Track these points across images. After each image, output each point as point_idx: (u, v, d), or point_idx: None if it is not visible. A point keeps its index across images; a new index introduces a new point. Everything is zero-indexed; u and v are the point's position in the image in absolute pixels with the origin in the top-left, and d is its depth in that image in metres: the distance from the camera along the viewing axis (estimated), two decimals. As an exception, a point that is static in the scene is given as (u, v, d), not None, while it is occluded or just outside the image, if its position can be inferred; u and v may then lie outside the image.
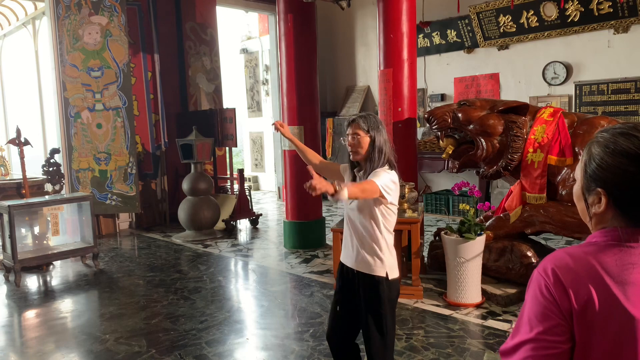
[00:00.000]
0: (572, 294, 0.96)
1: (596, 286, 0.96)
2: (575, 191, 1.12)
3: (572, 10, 6.71)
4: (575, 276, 0.98)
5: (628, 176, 1.00)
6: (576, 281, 0.97)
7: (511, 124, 4.40)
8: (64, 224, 6.12)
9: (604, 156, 1.03)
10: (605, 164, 1.02)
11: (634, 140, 1.00)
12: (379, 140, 2.38)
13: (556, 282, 0.98)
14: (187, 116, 8.36)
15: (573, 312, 0.96)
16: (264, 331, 3.91)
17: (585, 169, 1.07)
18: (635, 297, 0.96)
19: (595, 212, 1.05)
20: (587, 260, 1.00)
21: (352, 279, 2.45)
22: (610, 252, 1.00)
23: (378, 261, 2.37)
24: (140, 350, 3.59)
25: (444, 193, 8.09)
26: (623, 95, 6.54)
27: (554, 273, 0.99)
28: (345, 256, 2.51)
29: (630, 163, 0.99)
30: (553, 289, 0.98)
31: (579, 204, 1.12)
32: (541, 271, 1.02)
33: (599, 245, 1.02)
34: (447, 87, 8.43)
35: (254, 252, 6.37)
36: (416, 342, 3.54)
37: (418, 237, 4.40)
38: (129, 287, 5.08)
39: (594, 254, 1.01)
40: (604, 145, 1.04)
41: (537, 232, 4.43)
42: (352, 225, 2.44)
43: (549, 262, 1.02)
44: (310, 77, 6.16)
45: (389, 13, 5.28)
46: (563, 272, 0.99)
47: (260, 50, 11.39)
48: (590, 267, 0.98)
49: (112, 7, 7.00)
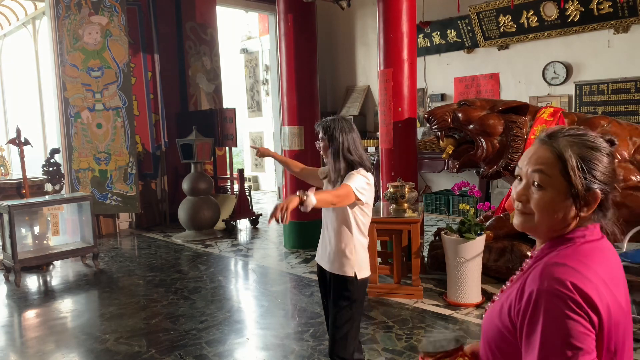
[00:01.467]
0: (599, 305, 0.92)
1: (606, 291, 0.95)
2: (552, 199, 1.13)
3: (572, 10, 6.71)
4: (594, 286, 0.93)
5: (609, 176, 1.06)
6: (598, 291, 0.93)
7: (511, 124, 4.40)
8: (64, 224, 6.12)
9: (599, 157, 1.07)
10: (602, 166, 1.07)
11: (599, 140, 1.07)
12: (338, 144, 2.46)
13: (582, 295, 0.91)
14: (187, 116, 8.36)
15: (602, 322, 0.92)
16: (264, 331, 3.91)
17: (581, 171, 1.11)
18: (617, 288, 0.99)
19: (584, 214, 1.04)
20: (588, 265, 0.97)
21: (326, 279, 2.59)
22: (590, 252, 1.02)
23: (347, 261, 2.47)
24: (140, 350, 3.59)
25: (444, 193, 8.09)
26: (623, 95, 6.54)
27: (575, 287, 0.92)
28: (320, 256, 2.63)
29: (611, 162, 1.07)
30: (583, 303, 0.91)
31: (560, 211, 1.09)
32: (559, 287, 0.92)
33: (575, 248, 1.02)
34: (447, 87, 8.43)
35: (254, 252, 6.37)
36: (416, 342, 3.54)
37: (418, 237, 4.40)
38: (129, 287, 5.08)
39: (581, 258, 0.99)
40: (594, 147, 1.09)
41: (537, 232, 4.42)
42: (327, 225, 2.55)
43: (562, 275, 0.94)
44: (310, 77, 6.16)
45: (389, 13, 5.28)
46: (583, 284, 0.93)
47: (260, 50, 11.38)
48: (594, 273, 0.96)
49: (112, 7, 7.00)
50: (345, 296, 2.47)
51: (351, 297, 2.48)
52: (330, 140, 2.48)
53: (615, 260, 1.04)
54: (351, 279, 2.47)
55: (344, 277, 2.48)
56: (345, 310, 2.48)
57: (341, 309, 2.48)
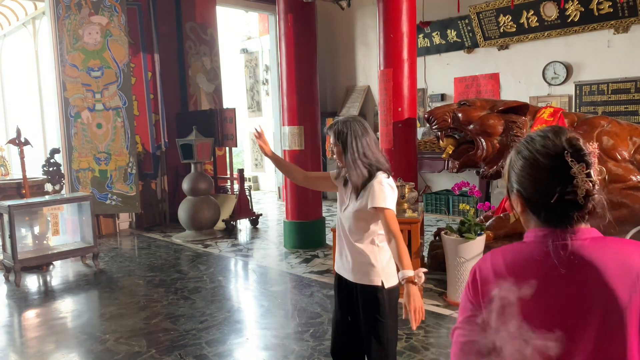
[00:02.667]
0: (480, 289, 1.08)
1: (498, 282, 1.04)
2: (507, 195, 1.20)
3: (572, 10, 6.71)
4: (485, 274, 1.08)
5: (529, 177, 1.05)
6: (484, 278, 1.08)
7: (511, 124, 4.41)
8: (64, 224, 6.12)
9: (516, 160, 1.09)
10: (517, 167, 1.09)
11: (541, 143, 1.05)
12: (353, 150, 2.25)
13: (474, 279, 1.10)
14: (187, 116, 8.36)
15: (482, 304, 1.06)
16: (264, 331, 3.91)
17: (505, 173, 1.14)
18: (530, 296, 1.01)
19: (517, 212, 1.12)
20: (499, 257, 1.09)
21: (351, 291, 2.37)
22: (521, 250, 1.08)
23: (373, 270, 2.29)
24: (140, 350, 3.59)
25: (444, 193, 8.09)
26: (623, 95, 6.54)
27: (474, 271, 1.12)
28: (341, 267, 2.42)
29: (535, 167, 1.04)
30: (471, 285, 1.11)
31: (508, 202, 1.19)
32: (471, 269, 1.14)
33: (518, 244, 1.11)
34: (447, 87, 8.43)
35: (254, 252, 6.37)
36: (416, 342, 3.54)
37: (418, 237, 4.40)
38: (129, 287, 5.08)
39: (504, 252, 1.10)
40: (516, 150, 1.10)
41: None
42: (347, 233, 2.34)
43: (479, 261, 1.14)
44: (310, 77, 6.16)
45: (389, 13, 5.28)
46: (480, 270, 1.10)
47: (260, 50, 11.39)
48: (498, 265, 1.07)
49: (112, 7, 7.00)
50: (376, 309, 2.28)
51: (382, 309, 2.28)
52: (344, 147, 2.28)
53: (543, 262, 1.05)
54: (377, 288, 2.28)
55: (371, 287, 2.28)
56: (380, 324, 2.28)
57: (376, 323, 2.28)
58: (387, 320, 2.29)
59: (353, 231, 2.31)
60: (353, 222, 2.30)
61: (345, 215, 2.33)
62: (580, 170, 0.99)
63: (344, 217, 2.35)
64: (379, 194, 2.19)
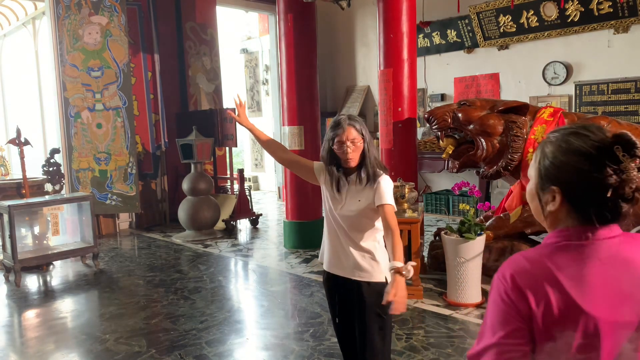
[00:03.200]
0: (530, 297, 0.98)
1: (552, 287, 0.98)
2: (529, 190, 1.14)
3: (572, 10, 6.71)
4: (531, 279, 1.00)
5: (580, 174, 1.02)
6: (533, 284, 0.99)
7: (511, 124, 4.41)
8: (64, 224, 6.12)
9: (557, 155, 1.05)
10: (558, 162, 1.05)
11: (584, 139, 1.03)
12: (370, 142, 2.27)
13: (514, 286, 1.00)
14: (187, 116, 8.36)
15: (532, 315, 0.98)
16: (264, 331, 3.91)
17: (539, 168, 1.09)
18: (590, 294, 0.97)
19: (550, 210, 1.07)
20: (543, 261, 1.02)
21: (349, 289, 2.33)
22: (564, 252, 1.03)
23: (377, 266, 2.29)
24: (140, 350, 3.59)
25: (444, 193, 8.09)
26: (623, 95, 6.54)
27: (512, 278, 1.01)
28: (336, 266, 2.37)
29: (582, 161, 1.01)
30: (512, 293, 1.00)
31: (532, 203, 1.14)
32: (500, 276, 1.04)
33: (552, 247, 1.05)
34: (447, 87, 8.43)
35: (254, 252, 6.37)
36: (416, 342, 3.54)
37: (418, 237, 4.40)
38: (129, 287, 5.08)
39: (549, 255, 1.03)
40: (557, 144, 1.06)
41: (537, 232, 4.43)
42: (347, 232, 2.30)
43: (507, 267, 1.05)
44: (310, 77, 6.16)
45: (389, 13, 5.28)
46: (520, 276, 1.01)
47: (260, 50, 11.38)
48: (545, 269, 1.00)
49: (112, 7, 7.00)
50: (382, 310, 2.24)
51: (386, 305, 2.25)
52: (367, 138, 2.24)
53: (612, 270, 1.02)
54: (383, 285, 2.25)
55: (376, 284, 2.27)
56: (382, 321, 2.29)
57: (378, 320, 2.28)
58: (388, 316, 2.30)
59: (356, 229, 2.29)
60: (357, 220, 2.28)
61: (344, 213, 2.29)
62: (631, 165, 0.99)
63: (341, 215, 2.31)
64: (386, 192, 2.23)
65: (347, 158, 2.24)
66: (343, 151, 2.23)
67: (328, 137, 2.30)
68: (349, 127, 2.22)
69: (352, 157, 2.24)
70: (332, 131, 2.28)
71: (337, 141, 2.24)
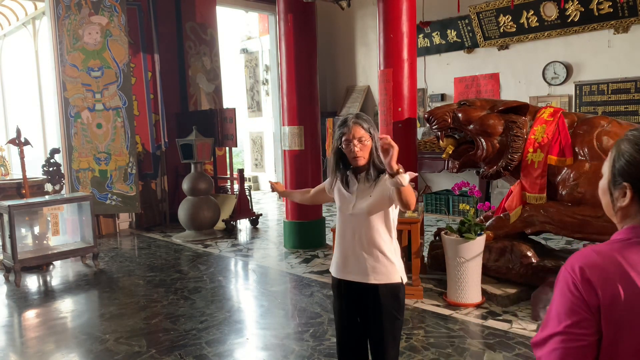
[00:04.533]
0: (599, 290, 1.00)
1: (623, 282, 0.99)
2: (602, 186, 1.16)
3: (572, 10, 6.71)
4: (602, 273, 1.01)
5: None
6: (603, 278, 1.00)
7: (511, 124, 4.40)
8: (64, 224, 6.12)
9: (633, 153, 1.06)
10: (634, 160, 1.06)
11: None
12: (376, 142, 2.23)
13: (583, 279, 1.02)
14: (187, 116, 8.36)
15: (600, 307, 0.99)
16: (264, 331, 3.91)
17: (614, 164, 1.10)
18: None
19: (621, 205, 1.09)
20: (614, 257, 1.03)
21: (362, 294, 2.27)
22: (635, 249, 1.04)
23: (392, 267, 2.25)
24: (140, 350, 3.59)
25: (444, 193, 8.09)
26: (623, 95, 6.54)
27: (582, 270, 1.03)
28: (348, 271, 2.30)
29: None
30: (580, 285, 1.01)
31: (604, 198, 1.15)
32: (569, 269, 1.05)
33: (624, 243, 1.06)
34: (447, 87, 8.43)
35: (254, 252, 6.37)
36: (416, 342, 3.54)
37: (418, 237, 4.40)
38: (129, 287, 5.08)
39: (620, 250, 1.04)
40: (634, 142, 1.07)
41: (537, 232, 4.42)
42: (359, 232, 2.25)
43: (576, 259, 1.06)
44: (310, 77, 6.16)
45: (389, 13, 5.27)
46: (590, 269, 1.02)
47: (260, 50, 11.39)
48: (617, 264, 1.01)
49: (112, 7, 7.00)
50: (397, 307, 2.25)
51: (401, 306, 2.27)
52: (373, 140, 2.22)
53: None
54: (399, 285, 2.25)
55: (393, 285, 2.23)
56: (397, 323, 2.26)
57: (394, 322, 2.25)
58: (402, 318, 2.30)
59: (369, 228, 2.23)
60: (369, 218, 2.22)
61: (356, 212, 2.24)
62: None
63: (353, 215, 2.25)
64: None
65: (354, 156, 2.21)
66: (350, 149, 2.20)
67: (336, 136, 2.27)
68: (355, 126, 2.20)
69: (360, 155, 2.20)
70: (339, 130, 2.24)
71: (345, 139, 2.21)
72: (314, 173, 6.26)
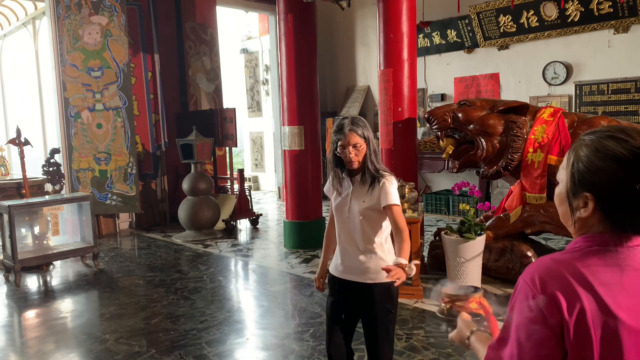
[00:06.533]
0: (562, 305, 0.92)
1: (586, 296, 0.93)
2: (559, 194, 1.08)
3: (572, 10, 6.71)
4: (564, 285, 0.94)
5: (617, 181, 0.95)
6: (565, 291, 0.93)
7: (511, 124, 4.41)
8: (64, 224, 6.12)
9: (593, 159, 0.98)
10: (594, 168, 0.98)
11: (623, 143, 0.96)
12: (373, 142, 2.32)
13: (544, 292, 0.94)
14: (187, 116, 8.36)
15: (564, 323, 0.92)
16: (264, 331, 3.91)
17: (572, 172, 1.02)
18: (623, 300, 0.93)
19: (580, 216, 1.01)
20: (575, 266, 0.96)
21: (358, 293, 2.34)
22: (596, 257, 0.98)
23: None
24: (140, 350, 3.59)
25: (444, 193, 8.09)
26: (623, 95, 6.54)
27: (542, 282, 0.95)
28: (345, 271, 2.37)
29: (619, 167, 0.95)
30: (541, 299, 0.94)
31: (561, 207, 1.08)
32: (528, 280, 0.98)
33: (584, 251, 1.00)
34: (447, 87, 8.43)
35: (254, 252, 6.37)
36: (416, 342, 3.54)
37: (418, 237, 4.40)
38: (129, 287, 5.08)
39: (581, 259, 0.98)
40: (593, 148, 1.00)
41: (537, 232, 4.43)
42: (354, 234, 2.32)
43: (535, 270, 0.99)
44: (310, 77, 6.16)
45: (389, 13, 5.28)
46: (552, 280, 0.95)
47: (260, 50, 11.39)
48: (579, 275, 0.95)
49: (112, 7, 7.00)
50: (391, 303, 2.33)
51: (395, 303, 2.35)
52: (368, 144, 2.29)
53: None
54: (390, 284, 2.27)
55: (387, 284, 2.26)
56: (391, 316, 2.35)
57: (387, 320, 2.33)
58: (395, 311, 2.38)
59: (363, 230, 2.31)
60: (362, 221, 2.30)
61: (351, 215, 2.32)
62: None
63: (348, 218, 2.34)
64: (391, 192, 2.28)
65: (349, 161, 2.30)
66: (345, 155, 2.29)
67: (332, 141, 2.35)
68: (350, 133, 2.26)
69: (355, 160, 2.29)
70: (335, 135, 2.32)
71: (340, 145, 2.29)
72: (314, 173, 6.26)
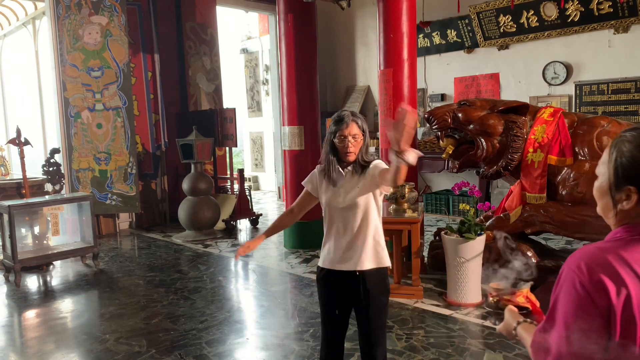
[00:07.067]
0: (610, 289, 0.97)
1: (631, 281, 0.98)
2: (599, 187, 1.14)
3: (572, 10, 6.71)
4: (610, 271, 0.99)
5: None
6: (612, 276, 0.98)
7: (511, 124, 4.40)
8: (64, 224, 6.12)
9: (636, 154, 1.05)
10: (637, 162, 1.04)
11: None
12: (368, 137, 2.38)
13: (592, 278, 0.99)
14: (187, 116, 8.36)
15: (611, 307, 0.97)
16: (264, 331, 3.91)
17: (616, 167, 1.08)
18: None
19: (623, 208, 1.07)
20: (619, 253, 1.01)
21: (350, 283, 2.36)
22: (638, 246, 1.03)
23: (383, 252, 2.37)
24: (140, 350, 3.59)
25: (444, 193, 8.09)
26: (623, 95, 6.54)
27: (589, 269, 1.00)
28: (340, 262, 2.38)
29: None
30: (589, 285, 0.99)
31: (602, 200, 1.13)
32: (574, 267, 1.02)
33: (625, 240, 1.05)
34: (447, 87, 8.43)
35: (254, 252, 6.37)
36: (416, 342, 3.54)
37: (418, 237, 4.39)
38: (129, 287, 5.08)
39: (623, 248, 1.03)
40: (635, 144, 1.05)
41: (537, 232, 4.43)
42: (350, 223, 2.35)
43: (580, 258, 1.03)
44: (310, 77, 6.16)
45: (389, 13, 5.28)
46: (598, 267, 1.00)
47: (260, 50, 11.39)
48: (622, 260, 1.00)
49: (112, 7, 7.00)
50: (385, 291, 2.36)
51: (388, 290, 2.38)
52: (364, 138, 2.34)
53: None
54: (385, 270, 2.37)
55: (382, 269, 2.34)
56: (385, 307, 2.37)
57: (383, 307, 2.35)
58: (387, 302, 2.40)
59: (359, 218, 2.34)
60: (358, 209, 2.34)
61: (346, 204, 2.35)
62: None
63: (343, 208, 2.38)
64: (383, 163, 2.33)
65: (347, 152, 2.31)
66: (344, 145, 2.30)
67: (330, 131, 2.36)
68: (352, 123, 2.29)
69: (352, 151, 2.31)
70: (334, 125, 2.33)
71: (339, 135, 2.30)
72: (314, 173, 6.25)
